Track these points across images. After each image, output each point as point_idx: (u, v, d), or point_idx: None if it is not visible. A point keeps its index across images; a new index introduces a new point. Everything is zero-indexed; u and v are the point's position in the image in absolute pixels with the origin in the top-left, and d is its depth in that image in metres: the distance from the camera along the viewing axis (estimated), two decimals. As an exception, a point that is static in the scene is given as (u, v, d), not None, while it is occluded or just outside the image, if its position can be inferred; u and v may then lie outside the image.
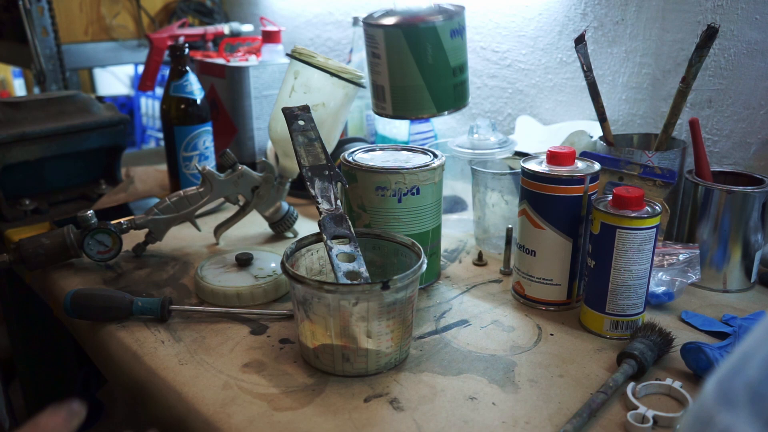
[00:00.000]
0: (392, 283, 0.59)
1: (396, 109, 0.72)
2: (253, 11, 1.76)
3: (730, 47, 0.90)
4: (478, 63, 1.24)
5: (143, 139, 2.59)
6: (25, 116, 1.08)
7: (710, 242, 0.81)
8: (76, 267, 0.89)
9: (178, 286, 0.84)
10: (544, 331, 0.72)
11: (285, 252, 0.66)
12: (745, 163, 0.91)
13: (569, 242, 0.73)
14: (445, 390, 0.61)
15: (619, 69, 1.04)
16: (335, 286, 0.59)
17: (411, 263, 0.67)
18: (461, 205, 1.04)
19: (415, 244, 0.68)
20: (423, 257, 0.64)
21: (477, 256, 0.90)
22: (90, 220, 0.86)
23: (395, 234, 0.71)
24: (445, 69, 0.70)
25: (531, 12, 1.13)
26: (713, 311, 0.76)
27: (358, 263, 0.65)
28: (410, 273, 0.61)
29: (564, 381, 0.62)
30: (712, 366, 0.61)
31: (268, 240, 0.99)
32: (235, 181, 0.93)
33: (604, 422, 0.57)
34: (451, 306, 0.78)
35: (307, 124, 0.74)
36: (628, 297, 0.68)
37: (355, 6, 1.44)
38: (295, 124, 0.74)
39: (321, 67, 0.91)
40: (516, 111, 1.20)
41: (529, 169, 0.73)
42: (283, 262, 0.64)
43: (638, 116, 1.03)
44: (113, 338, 0.73)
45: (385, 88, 0.71)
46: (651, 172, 0.82)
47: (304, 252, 0.70)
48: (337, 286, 0.59)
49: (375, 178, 0.75)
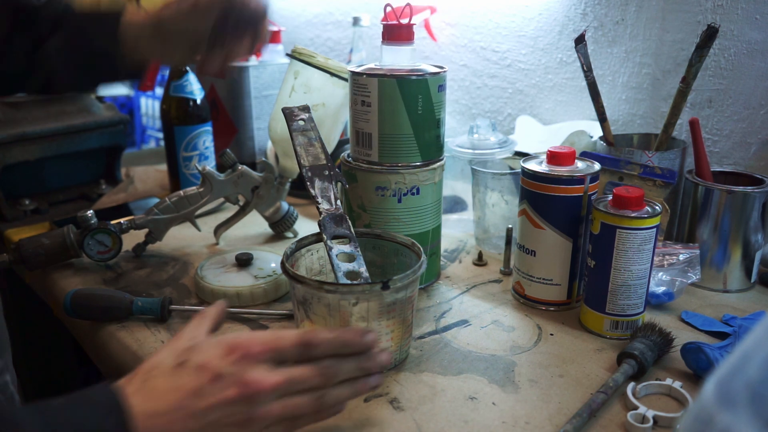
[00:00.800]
0: (392, 283, 0.59)
1: (383, 156, 0.75)
2: (253, 11, 1.76)
3: (730, 47, 0.90)
4: (478, 63, 1.24)
5: (143, 139, 2.59)
6: (25, 116, 1.07)
7: (710, 242, 0.81)
8: (76, 267, 0.89)
9: (178, 286, 0.84)
10: (544, 331, 0.72)
11: (285, 252, 0.66)
12: (745, 163, 0.91)
13: (569, 242, 0.73)
14: (445, 390, 0.61)
15: (619, 69, 1.04)
16: (335, 286, 0.59)
17: (411, 263, 0.67)
18: (461, 205, 1.04)
19: (415, 244, 0.68)
20: (423, 257, 0.64)
21: (477, 256, 0.90)
22: (90, 220, 0.86)
23: (395, 234, 0.70)
24: (432, 120, 0.75)
25: (531, 12, 1.13)
26: (713, 311, 0.76)
27: (358, 263, 0.65)
28: (410, 273, 0.61)
29: (564, 381, 0.62)
30: (712, 366, 0.61)
31: (268, 240, 0.99)
32: (235, 181, 0.93)
33: (604, 422, 0.57)
34: (451, 306, 0.78)
35: (307, 124, 0.73)
36: (628, 297, 0.68)
37: (355, 6, 1.44)
38: (295, 123, 0.73)
39: (321, 67, 0.91)
40: (516, 111, 1.20)
41: (529, 169, 0.73)
42: (283, 262, 0.64)
43: (638, 116, 1.03)
44: (113, 338, 0.73)
45: (373, 135, 0.75)
46: (651, 172, 0.82)
47: (304, 252, 0.70)
48: (337, 286, 0.59)
49: (375, 178, 0.75)
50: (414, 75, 0.72)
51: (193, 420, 0.45)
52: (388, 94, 0.72)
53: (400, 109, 0.73)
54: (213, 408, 0.46)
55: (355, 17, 1.27)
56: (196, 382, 0.46)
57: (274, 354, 0.48)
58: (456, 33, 1.26)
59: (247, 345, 0.48)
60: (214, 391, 0.46)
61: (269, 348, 0.48)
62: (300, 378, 0.49)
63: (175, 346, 0.49)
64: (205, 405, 0.46)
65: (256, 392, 0.46)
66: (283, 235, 1.00)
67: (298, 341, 0.49)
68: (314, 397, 0.50)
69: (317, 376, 0.49)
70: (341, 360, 0.51)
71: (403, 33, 0.75)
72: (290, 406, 0.49)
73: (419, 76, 0.73)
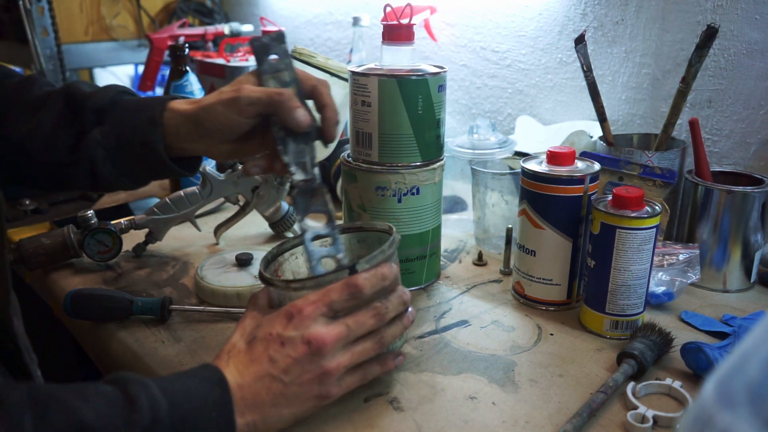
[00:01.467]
0: (359, 266, 0.54)
1: (383, 156, 0.75)
2: (253, 11, 1.76)
3: (730, 47, 0.90)
4: (478, 63, 1.24)
5: (143, 139, 2.58)
6: (25, 116, 1.07)
7: (710, 242, 0.81)
8: (76, 267, 0.89)
9: (178, 286, 0.84)
10: (544, 331, 0.72)
11: (265, 257, 0.62)
12: (745, 163, 0.92)
13: (569, 242, 0.73)
14: (445, 390, 0.61)
15: (619, 69, 1.04)
16: (301, 282, 0.55)
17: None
18: (461, 205, 1.04)
19: (392, 227, 0.63)
20: (393, 236, 0.59)
21: (477, 256, 0.90)
22: (90, 220, 0.86)
23: (374, 222, 0.67)
24: (431, 120, 0.75)
25: (531, 12, 1.13)
26: (713, 311, 0.76)
27: (335, 248, 0.60)
28: (377, 253, 0.55)
29: (564, 381, 0.62)
30: (712, 366, 0.61)
31: (268, 240, 0.99)
32: (235, 181, 0.93)
33: (604, 422, 0.57)
34: (451, 306, 0.78)
35: (280, 62, 0.59)
36: (628, 297, 0.68)
37: (355, 6, 1.44)
38: (266, 62, 0.59)
39: (321, 67, 0.91)
40: (516, 111, 1.20)
41: (529, 169, 0.73)
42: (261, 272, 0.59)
43: (638, 116, 1.03)
44: (113, 338, 0.73)
45: (373, 135, 0.75)
46: (651, 172, 0.82)
47: (287, 257, 0.65)
48: (303, 282, 0.55)
49: (375, 178, 0.75)
50: (414, 75, 0.72)
51: (276, 384, 0.51)
52: (388, 94, 0.72)
53: (400, 109, 0.73)
54: (288, 370, 0.51)
55: (355, 17, 1.27)
56: (268, 351, 0.52)
57: (326, 308, 0.53)
58: (456, 33, 1.26)
59: (301, 307, 0.53)
60: (284, 355, 0.52)
61: (321, 304, 0.53)
62: (357, 322, 0.54)
63: (243, 328, 0.55)
64: (280, 369, 0.51)
65: (322, 345, 0.51)
66: (283, 235, 1.00)
67: (344, 288, 0.53)
68: (375, 339, 0.55)
69: (372, 317, 0.54)
70: (386, 298, 0.56)
71: (403, 33, 0.75)
72: (357, 352, 0.54)
73: (419, 76, 0.73)
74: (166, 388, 0.47)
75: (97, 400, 0.44)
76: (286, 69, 0.60)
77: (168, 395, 0.47)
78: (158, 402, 0.46)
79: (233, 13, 1.84)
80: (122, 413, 0.44)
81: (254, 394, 0.51)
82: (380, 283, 0.55)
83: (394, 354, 0.59)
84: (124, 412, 0.44)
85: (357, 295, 0.54)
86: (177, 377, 0.50)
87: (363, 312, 0.54)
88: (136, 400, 0.45)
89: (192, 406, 0.48)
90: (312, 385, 0.52)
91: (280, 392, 0.51)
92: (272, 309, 0.57)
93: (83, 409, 0.43)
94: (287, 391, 0.52)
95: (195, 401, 0.48)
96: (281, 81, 0.59)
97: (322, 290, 0.54)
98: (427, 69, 0.75)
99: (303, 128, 0.59)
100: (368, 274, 0.54)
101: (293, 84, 0.60)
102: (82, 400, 0.44)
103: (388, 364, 0.58)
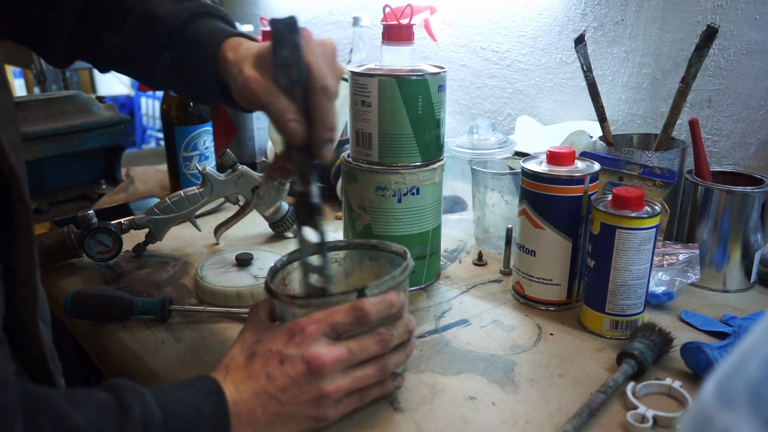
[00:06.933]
0: (368, 290, 0.54)
1: (383, 156, 0.75)
2: (253, 11, 1.76)
3: (730, 47, 0.90)
4: (478, 63, 1.24)
5: (143, 139, 2.59)
6: (25, 116, 1.07)
7: (710, 242, 0.81)
8: (76, 267, 0.89)
9: (178, 286, 0.84)
10: (544, 331, 0.72)
11: (273, 267, 0.61)
12: (744, 163, 0.92)
13: (569, 242, 0.73)
14: (445, 390, 0.61)
15: (618, 69, 1.04)
16: (307, 300, 0.55)
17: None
18: (461, 205, 1.04)
19: (407, 251, 0.62)
20: (407, 261, 0.59)
21: (477, 256, 0.90)
22: (90, 220, 0.86)
23: (390, 243, 0.65)
24: (431, 120, 0.75)
25: (531, 12, 1.13)
26: (713, 311, 0.76)
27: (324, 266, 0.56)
28: (388, 279, 0.55)
29: (564, 381, 0.63)
30: (711, 366, 0.61)
31: (268, 240, 0.99)
32: (235, 181, 0.93)
33: (603, 422, 0.57)
34: (451, 306, 0.78)
35: (289, 56, 0.53)
36: (627, 297, 0.68)
37: (355, 6, 1.44)
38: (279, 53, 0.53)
39: (321, 67, 0.91)
40: (516, 111, 1.20)
41: (529, 169, 0.73)
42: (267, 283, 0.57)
43: (638, 116, 1.03)
44: (113, 338, 0.73)
45: (373, 135, 0.75)
46: (651, 172, 0.82)
47: (297, 266, 0.63)
48: (309, 300, 0.55)
49: (375, 178, 0.75)
50: (414, 75, 0.73)
51: (273, 403, 0.50)
52: (388, 94, 0.72)
53: (400, 109, 0.73)
54: (285, 389, 0.50)
55: (355, 17, 1.27)
56: (266, 368, 0.51)
57: (329, 329, 0.52)
58: (456, 33, 1.26)
59: (303, 325, 0.52)
60: (282, 373, 0.51)
61: (324, 324, 0.52)
62: (360, 346, 0.53)
63: (243, 341, 0.55)
64: (278, 387, 0.51)
65: (321, 366, 0.50)
66: (283, 235, 1.00)
67: (350, 311, 0.53)
68: (378, 365, 0.54)
69: (375, 343, 0.54)
70: (391, 325, 0.55)
71: (403, 33, 0.75)
72: (357, 377, 0.53)
73: (419, 76, 0.73)
74: (160, 398, 0.47)
75: (90, 406, 0.44)
76: (294, 66, 0.53)
77: (162, 405, 0.46)
78: (152, 411, 0.46)
79: (233, 13, 1.84)
80: (114, 421, 0.44)
81: (249, 411, 0.50)
82: (387, 309, 0.54)
83: (393, 375, 0.58)
84: (115, 420, 0.44)
85: (362, 319, 0.53)
86: (173, 388, 0.49)
87: (367, 337, 0.53)
88: (129, 408, 0.45)
89: (187, 417, 0.47)
90: (309, 407, 0.51)
91: (276, 411, 0.51)
92: (272, 322, 0.57)
93: (74, 414, 0.43)
94: (283, 410, 0.51)
95: (190, 412, 0.47)
96: (290, 79, 0.53)
97: (327, 310, 0.53)
98: (427, 69, 0.75)
99: (295, 142, 0.54)
100: (376, 300, 0.53)
101: (299, 84, 0.53)
102: (74, 405, 0.43)
103: (387, 386, 0.57)
